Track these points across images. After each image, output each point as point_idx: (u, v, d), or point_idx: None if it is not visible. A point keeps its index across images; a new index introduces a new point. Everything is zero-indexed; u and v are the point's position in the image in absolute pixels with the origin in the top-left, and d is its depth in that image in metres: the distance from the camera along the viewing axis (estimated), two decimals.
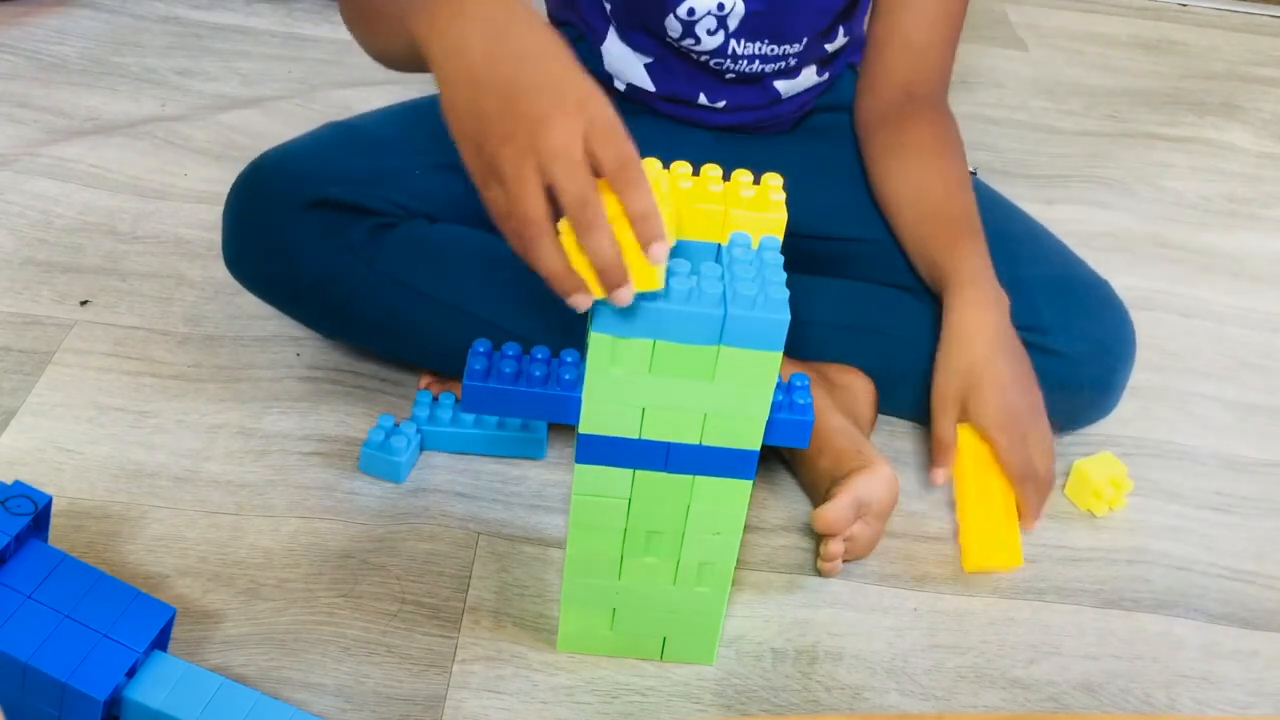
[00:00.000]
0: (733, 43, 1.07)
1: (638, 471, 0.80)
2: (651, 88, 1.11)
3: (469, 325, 1.00)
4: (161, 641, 0.78)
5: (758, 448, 0.79)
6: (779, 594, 0.96)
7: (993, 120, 1.71)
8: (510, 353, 0.79)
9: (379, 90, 1.54)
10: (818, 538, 0.98)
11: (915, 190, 1.08)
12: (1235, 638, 0.98)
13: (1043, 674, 0.93)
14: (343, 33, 1.70)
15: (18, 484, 0.78)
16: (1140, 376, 1.19)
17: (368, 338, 1.08)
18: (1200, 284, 1.40)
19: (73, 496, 0.96)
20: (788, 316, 0.73)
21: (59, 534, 0.92)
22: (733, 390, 0.76)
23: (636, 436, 0.78)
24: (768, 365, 0.75)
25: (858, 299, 1.11)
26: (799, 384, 0.80)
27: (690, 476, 0.80)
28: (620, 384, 0.76)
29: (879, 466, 0.96)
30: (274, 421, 1.06)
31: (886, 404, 1.12)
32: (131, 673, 0.75)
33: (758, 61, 1.09)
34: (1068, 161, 1.63)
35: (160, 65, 1.56)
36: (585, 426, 0.78)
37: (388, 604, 0.91)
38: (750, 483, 0.80)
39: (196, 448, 1.02)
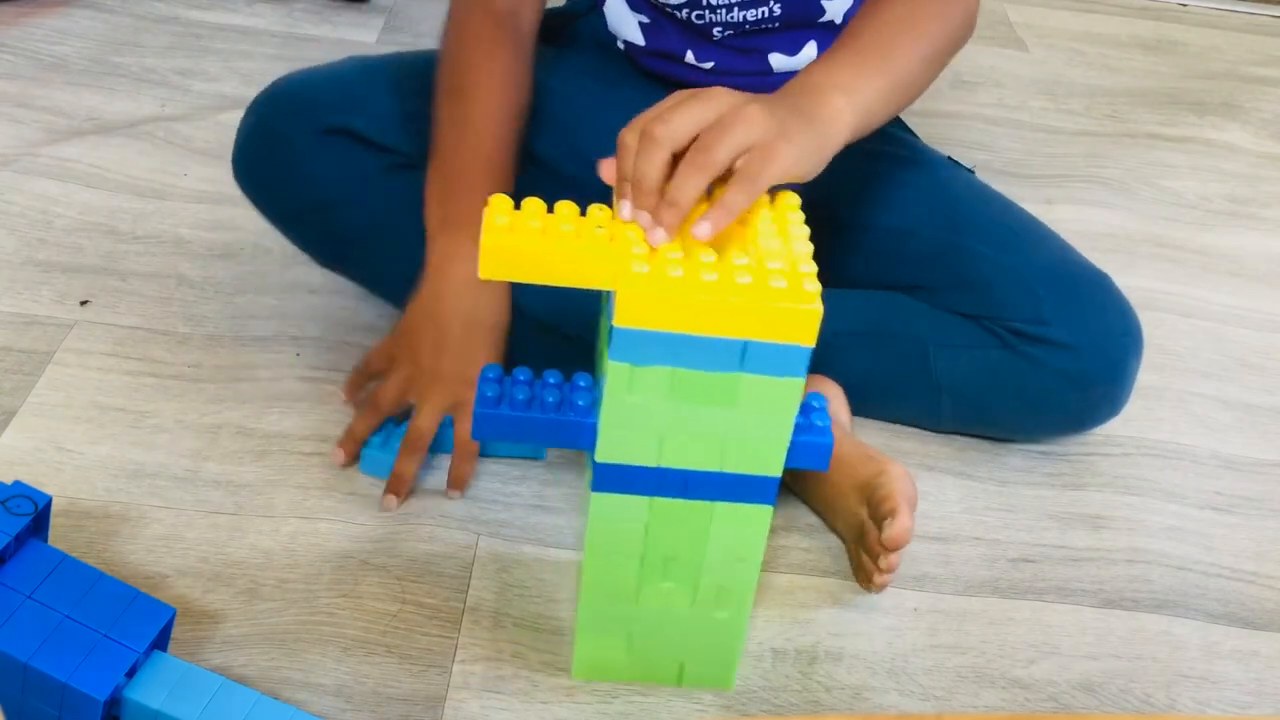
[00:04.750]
0: None
1: (655, 499, 0.78)
2: (642, 42, 1.11)
3: None
4: (161, 641, 0.78)
5: (779, 474, 0.77)
6: (778, 594, 0.96)
7: (993, 120, 1.71)
8: (522, 378, 0.77)
9: None
10: (855, 547, 0.96)
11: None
12: (1235, 638, 0.98)
13: (1043, 674, 0.93)
14: (342, 32, 1.71)
15: (18, 484, 0.78)
16: (1140, 376, 1.18)
17: (361, 271, 1.08)
18: (1200, 284, 1.40)
19: (73, 496, 0.96)
20: (811, 342, 0.71)
21: (59, 534, 0.92)
22: (753, 417, 0.74)
23: (655, 464, 0.76)
24: (790, 391, 0.73)
25: (858, 303, 1.11)
26: (816, 405, 0.78)
27: (709, 503, 0.78)
28: (638, 412, 0.74)
29: (895, 465, 0.95)
30: (274, 421, 1.06)
31: (889, 410, 1.12)
32: (131, 673, 0.75)
33: (736, 9, 1.08)
34: (1068, 161, 1.63)
35: (160, 65, 1.56)
36: (602, 455, 0.76)
37: (388, 604, 0.91)
38: (771, 508, 0.78)
39: (196, 448, 1.02)
